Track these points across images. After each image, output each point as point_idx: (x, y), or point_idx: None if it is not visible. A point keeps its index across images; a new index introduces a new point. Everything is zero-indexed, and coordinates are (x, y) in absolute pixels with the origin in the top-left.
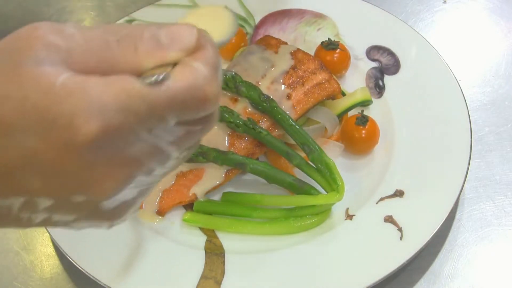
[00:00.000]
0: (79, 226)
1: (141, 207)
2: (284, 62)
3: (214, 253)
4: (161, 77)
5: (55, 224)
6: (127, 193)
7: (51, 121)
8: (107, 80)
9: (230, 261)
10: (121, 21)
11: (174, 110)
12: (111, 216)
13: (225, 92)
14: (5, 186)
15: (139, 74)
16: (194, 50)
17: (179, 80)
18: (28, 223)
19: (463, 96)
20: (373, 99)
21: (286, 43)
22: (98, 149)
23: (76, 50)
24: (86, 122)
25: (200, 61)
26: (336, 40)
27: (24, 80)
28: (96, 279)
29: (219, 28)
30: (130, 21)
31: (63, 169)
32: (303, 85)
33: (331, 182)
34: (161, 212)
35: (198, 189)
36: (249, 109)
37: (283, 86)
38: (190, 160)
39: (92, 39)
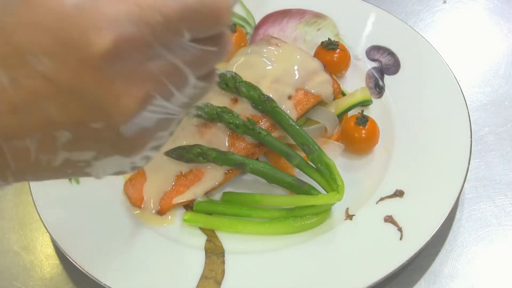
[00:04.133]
0: (100, 168)
1: (140, 206)
2: (284, 62)
3: (214, 253)
4: None
5: (75, 167)
6: (146, 119)
7: (65, 41)
8: None
9: (230, 261)
10: None
11: (187, 21)
12: (132, 148)
13: (225, 92)
14: (23, 121)
15: None
16: None
17: None
18: (48, 167)
19: (463, 96)
20: (373, 99)
21: (286, 43)
22: (114, 63)
23: None
24: (99, 35)
25: None
26: (336, 40)
27: (34, 6)
28: (96, 279)
29: None
30: None
31: (81, 89)
32: (303, 85)
33: (331, 182)
34: (161, 212)
35: (198, 189)
36: (249, 109)
37: (283, 86)
38: (190, 161)
39: None
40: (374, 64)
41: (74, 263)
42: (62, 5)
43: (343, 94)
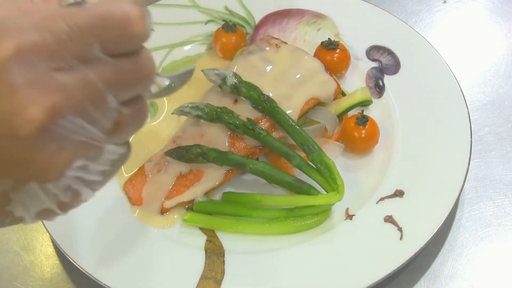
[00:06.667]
0: (21, 206)
1: (141, 204)
2: (284, 62)
3: (214, 253)
4: None
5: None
6: (60, 135)
7: None
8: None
9: (230, 261)
10: None
11: (95, 30)
12: (46, 169)
13: (225, 92)
14: None
15: None
16: None
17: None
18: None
19: (463, 96)
20: (373, 99)
21: (286, 43)
22: (17, 71)
23: None
24: (1, 42)
25: None
26: (336, 40)
27: None
28: (96, 279)
29: None
30: None
31: None
32: (303, 85)
33: (331, 182)
34: (161, 212)
35: (198, 189)
36: (249, 110)
37: (283, 86)
38: (190, 161)
39: None
40: (374, 64)
41: (74, 263)
42: None
43: (343, 94)
